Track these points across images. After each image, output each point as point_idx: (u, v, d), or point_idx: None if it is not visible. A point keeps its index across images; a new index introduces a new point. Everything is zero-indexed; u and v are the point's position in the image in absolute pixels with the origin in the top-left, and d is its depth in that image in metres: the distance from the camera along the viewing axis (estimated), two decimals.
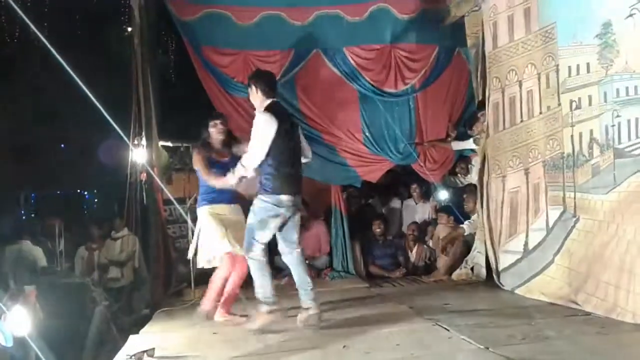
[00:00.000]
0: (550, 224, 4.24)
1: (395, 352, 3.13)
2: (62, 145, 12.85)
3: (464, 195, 5.84)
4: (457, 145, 6.02)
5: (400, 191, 6.95)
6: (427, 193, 6.56)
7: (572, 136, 4.00)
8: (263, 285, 3.80)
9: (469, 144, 5.84)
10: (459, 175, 6.21)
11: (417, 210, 6.62)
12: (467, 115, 5.97)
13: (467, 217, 5.72)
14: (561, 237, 4.09)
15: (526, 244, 4.55)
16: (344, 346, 3.29)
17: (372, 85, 5.86)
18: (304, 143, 4.06)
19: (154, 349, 3.25)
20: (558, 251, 4.13)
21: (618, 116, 3.56)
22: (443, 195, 6.11)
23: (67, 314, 4.67)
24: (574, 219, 3.96)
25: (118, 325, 5.01)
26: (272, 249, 4.04)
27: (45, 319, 4.23)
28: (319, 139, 5.87)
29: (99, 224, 7.11)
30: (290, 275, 5.77)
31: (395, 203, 6.88)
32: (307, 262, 6.14)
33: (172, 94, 6.80)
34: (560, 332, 3.31)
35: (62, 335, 4.27)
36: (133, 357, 3.16)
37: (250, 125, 3.81)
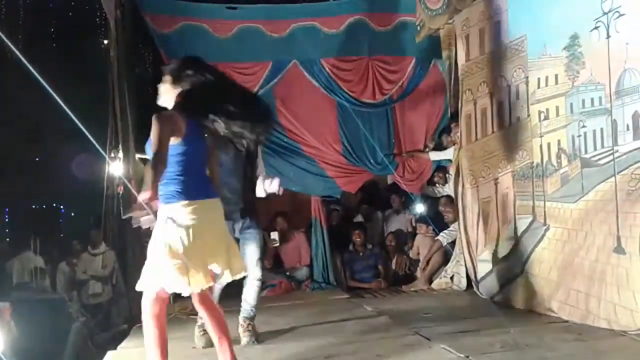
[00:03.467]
0: (519, 233, 4.32)
1: None
2: (37, 159, 12.64)
3: (443, 206, 5.91)
4: (435, 156, 6.10)
5: (380, 202, 7.00)
6: (406, 203, 6.62)
7: (540, 146, 4.09)
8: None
9: (446, 154, 5.93)
10: (437, 185, 6.29)
11: (397, 221, 6.68)
12: (444, 126, 6.07)
13: (447, 227, 5.78)
14: (530, 245, 4.17)
15: (495, 252, 4.62)
16: (325, 358, 3.29)
17: (350, 96, 5.93)
18: None
19: None
20: (527, 260, 4.20)
21: (584, 126, 3.66)
22: (419, 207, 6.17)
23: (43, 330, 4.58)
24: (544, 228, 4.03)
25: (95, 341, 4.93)
26: None
27: (20, 336, 4.15)
28: (298, 150, 5.91)
29: (78, 239, 7.01)
30: (270, 287, 5.82)
31: (377, 214, 6.92)
32: (287, 273, 6.21)
33: (150, 107, 6.76)
34: (540, 339, 3.35)
35: (37, 352, 4.19)
36: None
37: None
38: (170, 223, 2.61)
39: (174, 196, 2.66)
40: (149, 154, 2.74)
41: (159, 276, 2.60)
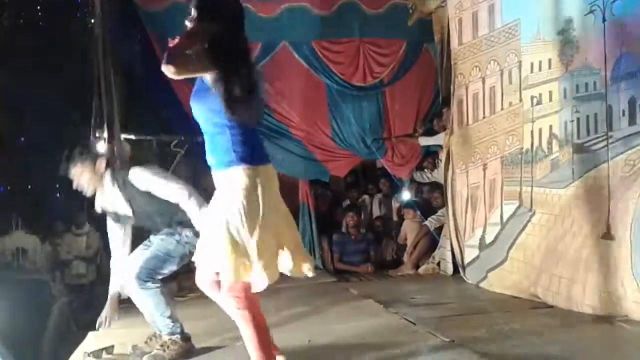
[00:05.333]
0: (505, 219, 4.31)
1: (361, 345, 3.13)
2: (22, 139, 12.42)
3: (432, 191, 5.90)
4: (425, 141, 6.07)
5: (369, 186, 6.98)
6: (394, 188, 6.60)
7: (532, 132, 4.06)
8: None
9: (436, 140, 5.90)
10: (426, 170, 6.27)
11: (386, 205, 6.66)
12: (435, 111, 6.03)
13: (435, 212, 5.77)
14: (515, 231, 4.16)
15: (482, 238, 4.62)
16: (309, 340, 3.27)
17: (341, 79, 5.87)
18: None
19: (113, 346, 3.17)
20: (512, 245, 4.20)
21: (577, 112, 3.63)
22: (406, 194, 6.14)
23: (25, 311, 4.51)
24: (530, 214, 4.02)
25: (79, 322, 4.87)
26: None
27: (1, 315, 4.08)
28: (286, 132, 5.85)
29: (62, 219, 6.91)
30: None
31: (365, 198, 6.90)
32: None
33: (137, 87, 6.64)
34: (524, 324, 3.35)
35: (19, 333, 4.12)
36: (91, 354, 3.07)
37: None
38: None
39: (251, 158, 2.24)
40: (201, 104, 2.30)
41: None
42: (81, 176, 3.12)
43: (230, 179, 2.26)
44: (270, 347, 2.41)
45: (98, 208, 3.26)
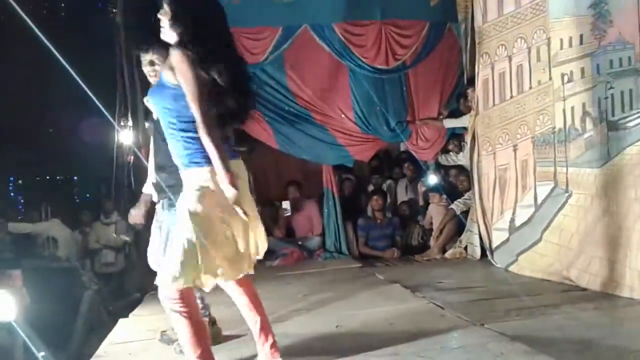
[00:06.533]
0: (539, 201, 4.20)
1: (389, 330, 3.10)
2: (51, 130, 12.67)
3: (458, 174, 5.80)
4: (450, 123, 5.94)
5: (394, 171, 6.90)
6: (420, 172, 6.51)
7: (564, 110, 3.93)
8: None
9: (461, 122, 5.78)
10: (451, 153, 6.16)
11: (411, 190, 6.58)
12: (459, 92, 5.90)
13: (461, 196, 5.68)
14: (551, 213, 4.05)
15: (512, 220, 4.52)
16: (337, 326, 3.25)
17: (363, 62, 5.75)
18: None
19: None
20: (547, 227, 4.09)
21: (611, 88, 3.50)
22: (431, 177, 6.04)
23: (56, 298, 4.60)
24: (567, 195, 3.91)
25: (108, 309, 4.95)
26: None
27: (32, 304, 4.16)
28: (309, 118, 5.80)
29: (90, 208, 7.04)
30: (282, 256, 5.79)
31: (390, 183, 6.83)
32: (299, 242, 6.17)
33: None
34: (555, 307, 3.28)
35: (50, 320, 4.20)
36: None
37: None
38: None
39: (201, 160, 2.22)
40: (156, 102, 2.32)
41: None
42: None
43: (187, 179, 2.25)
44: (209, 350, 2.29)
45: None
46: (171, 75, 2.21)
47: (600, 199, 3.57)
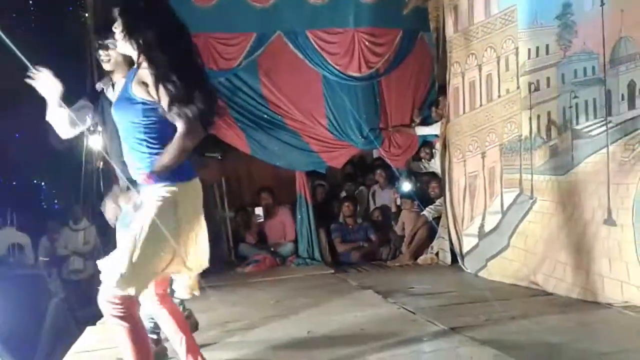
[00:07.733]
0: (505, 207, 4.29)
1: (360, 336, 3.11)
2: (17, 135, 12.35)
3: (430, 181, 5.86)
4: (421, 131, 6.02)
5: (367, 177, 6.94)
6: (391, 179, 6.56)
7: (530, 118, 4.02)
8: None
9: (433, 129, 5.86)
10: (423, 160, 6.23)
11: (383, 196, 6.62)
12: (431, 100, 5.98)
13: (433, 202, 5.74)
14: (517, 219, 4.13)
15: (482, 226, 4.60)
16: (308, 332, 3.24)
17: (336, 69, 5.79)
18: None
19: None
20: (513, 233, 4.17)
21: (576, 97, 3.60)
22: (405, 185, 6.10)
23: (22, 306, 4.47)
24: (531, 201, 3.99)
25: (76, 317, 4.84)
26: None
27: None
28: (282, 124, 5.80)
29: (58, 214, 6.88)
30: (254, 263, 5.75)
31: (362, 189, 6.86)
32: (272, 249, 6.15)
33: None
34: (524, 312, 3.34)
35: (16, 329, 4.08)
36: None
37: None
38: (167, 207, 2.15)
39: (171, 175, 2.16)
40: (122, 116, 2.23)
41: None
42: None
43: (149, 194, 2.18)
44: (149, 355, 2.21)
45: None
46: (142, 90, 2.15)
47: (564, 206, 3.65)
